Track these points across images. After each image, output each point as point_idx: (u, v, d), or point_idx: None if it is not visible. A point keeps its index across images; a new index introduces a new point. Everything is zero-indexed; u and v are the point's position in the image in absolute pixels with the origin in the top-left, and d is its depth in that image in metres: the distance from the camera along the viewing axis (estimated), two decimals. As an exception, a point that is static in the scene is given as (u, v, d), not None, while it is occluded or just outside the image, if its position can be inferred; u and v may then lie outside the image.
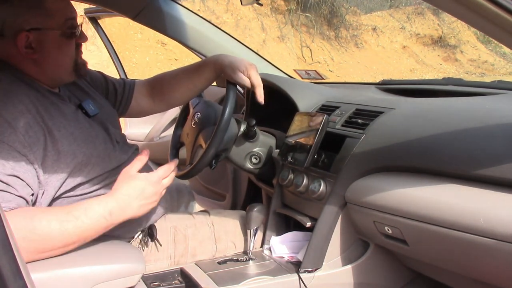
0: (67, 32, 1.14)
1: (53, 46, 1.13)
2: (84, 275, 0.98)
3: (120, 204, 1.05)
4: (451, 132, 1.08)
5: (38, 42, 1.10)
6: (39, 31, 1.10)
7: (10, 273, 0.61)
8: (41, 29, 1.10)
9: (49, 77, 1.16)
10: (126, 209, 1.06)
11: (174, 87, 1.51)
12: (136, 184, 1.08)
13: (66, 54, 1.17)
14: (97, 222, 1.02)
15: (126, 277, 1.04)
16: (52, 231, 0.97)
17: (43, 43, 1.11)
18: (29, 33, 1.09)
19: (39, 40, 1.11)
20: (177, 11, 1.78)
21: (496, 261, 0.95)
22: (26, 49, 1.10)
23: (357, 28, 11.65)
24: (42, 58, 1.13)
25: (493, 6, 0.68)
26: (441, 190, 1.02)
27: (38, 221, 0.96)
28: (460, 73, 12.37)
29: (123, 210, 1.06)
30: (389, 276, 1.33)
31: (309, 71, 2.04)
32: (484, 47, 14.07)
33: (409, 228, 1.08)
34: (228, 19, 8.91)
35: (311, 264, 1.24)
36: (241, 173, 2.00)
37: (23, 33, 1.08)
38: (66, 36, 1.14)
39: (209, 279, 1.20)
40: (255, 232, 1.34)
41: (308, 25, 10.37)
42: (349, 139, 1.26)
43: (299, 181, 1.33)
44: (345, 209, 1.24)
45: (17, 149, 0.99)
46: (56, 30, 1.12)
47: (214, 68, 1.43)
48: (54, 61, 1.15)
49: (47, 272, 0.95)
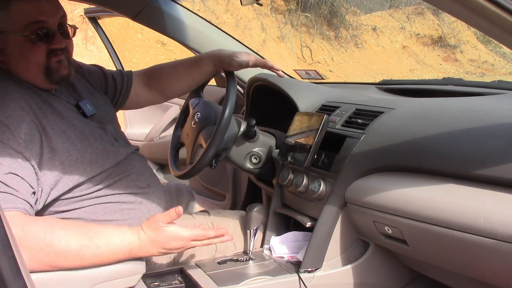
0: (30, 37, 1.08)
1: (15, 51, 1.09)
2: (84, 275, 0.99)
3: (141, 245, 1.06)
4: (451, 132, 1.08)
5: (3, 45, 1.09)
6: (2, 34, 1.08)
7: (10, 273, 0.61)
8: (2, 32, 1.08)
9: (24, 79, 1.13)
10: (146, 251, 1.07)
11: (173, 78, 1.51)
12: (159, 235, 1.08)
13: (30, 60, 1.10)
14: (115, 255, 1.03)
15: (126, 277, 1.04)
16: (69, 252, 0.97)
17: (7, 46, 1.09)
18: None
19: (4, 43, 1.09)
20: (177, 11, 1.79)
21: (496, 261, 0.95)
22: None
23: (357, 28, 11.64)
24: (8, 61, 1.10)
25: (493, 6, 0.68)
26: (441, 190, 1.02)
27: (58, 238, 0.96)
28: (460, 73, 12.36)
29: (143, 251, 1.07)
30: (389, 276, 1.33)
31: (309, 71, 2.04)
32: (484, 47, 14.07)
33: (409, 228, 1.08)
34: (228, 19, 8.91)
35: (311, 264, 1.24)
36: (241, 173, 2.00)
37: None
38: (30, 41, 1.08)
39: (209, 279, 1.20)
40: (255, 232, 1.34)
41: (308, 25, 10.37)
42: (349, 139, 1.26)
43: (299, 181, 1.33)
44: (345, 209, 1.24)
45: (13, 147, 0.99)
46: (17, 35, 1.08)
47: (212, 61, 1.44)
48: (19, 65, 1.11)
49: (47, 272, 0.95)
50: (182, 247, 1.12)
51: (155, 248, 1.08)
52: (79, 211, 1.13)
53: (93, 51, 6.46)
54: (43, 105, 1.10)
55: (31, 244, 0.93)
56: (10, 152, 0.98)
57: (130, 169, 1.23)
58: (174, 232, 1.09)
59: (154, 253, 1.09)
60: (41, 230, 0.96)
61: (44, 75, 1.13)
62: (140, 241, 1.06)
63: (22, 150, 1.00)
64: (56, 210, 1.11)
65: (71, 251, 0.97)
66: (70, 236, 0.98)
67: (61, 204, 1.11)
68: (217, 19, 8.57)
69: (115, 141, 1.25)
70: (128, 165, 1.24)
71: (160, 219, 1.08)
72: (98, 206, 1.16)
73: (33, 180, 1.02)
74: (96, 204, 1.15)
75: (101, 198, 1.16)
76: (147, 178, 1.28)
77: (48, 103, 1.12)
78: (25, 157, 1.00)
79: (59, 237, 0.96)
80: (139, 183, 1.25)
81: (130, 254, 1.04)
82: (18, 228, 0.93)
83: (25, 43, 1.09)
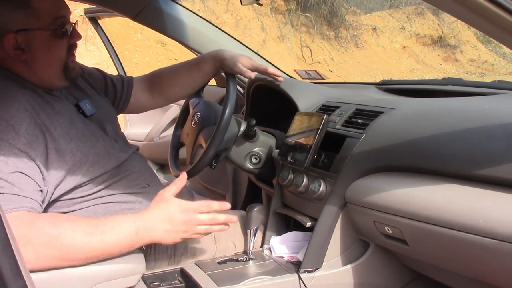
0: (57, 31, 1.12)
1: (41, 47, 1.11)
2: (84, 275, 0.98)
3: (147, 224, 1.04)
4: (451, 132, 1.08)
5: (27, 43, 1.09)
6: (26, 32, 1.09)
7: (10, 273, 0.61)
8: (28, 29, 1.09)
9: (40, 78, 1.14)
10: (151, 230, 1.04)
11: (174, 81, 1.51)
12: (165, 207, 1.06)
13: (55, 54, 1.14)
14: (123, 238, 1.01)
15: (126, 277, 1.04)
16: (76, 241, 0.96)
17: (31, 44, 1.10)
18: (17, 34, 1.07)
19: (27, 41, 1.09)
20: (177, 11, 1.79)
21: (496, 261, 0.95)
22: (15, 51, 1.09)
23: (357, 28, 11.64)
24: (31, 59, 1.11)
25: (493, 6, 0.68)
26: (441, 190, 1.02)
27: (64, 230, 0.96)
28: (460, 73, 12.37)
29: (149, 231, 1.04)
30: (389, 276, 1.33)
31: (309, 71, 2.04)
32: (484, 47, 14.07)
33: (409, 228, 1.08)
34: (228, 19, 8.91)
35: (311, 264, 1.24)
36: (241, 173, 2.00)
37: (11, 34, 1.07)
38: (56, 36, 1.12)
39: (209, 279, 1.20)
40: (255, 232, 1.34)
41: (308, 25, 10.37)
42: (349, 139, 1.26)
43: (299, 181, 1.33)
44: (345, 209, 1.24)
45: (17, 146, 0.99)
46: (44, 30, 1.10)
47: (214, 62, 1.44)
48: (43, 62, 1.13)
49: (47, 272, 0.95)
50: (189, 221, 1.08)
51: (162, 224, 1.05)
52: (80, 212, 1.13)
53: (93, 51, 6.46)
54: (45, 106, 1.10)
55: (39, 240, 0.93)
56: (15, 151, 0.99)
57: (130, 169, 1.24)
58: (180, 203, 1.07)
59: (161, 233, 1.05)
60: (47, 225, 0.96)
61: (62, 72, 1.16)
62: (145, 220, 1.04)
63: (27, 150, 1.00)
64: (57, 211, 1.10)
65: (78, 240, 0.96)
66: (76, 226, 0.98)
67: (62, 205, 1.11)
68: (217, 19, 8.57)
69: (115, 142, 1.25)
70: (129, 165, 1.24)
71: (162, 191, 1.08)
72: (99, 206, 1.16)
73: (39, 179, 1.02)
74: (97, 204, 1.15)
75: (102, 198, 1.16)
76: (147, 178, 1.28)
77: (50, 104, 1.12)
78: (30, 157, 1.01)
79: (64, 229, 0.96)
80: (140, 182, 1.25)
81: (137, 236, 1.02)
82: (25, 226, 0.93)
83: (51, 38, 1.12)
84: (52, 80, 1.16)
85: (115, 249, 1.01)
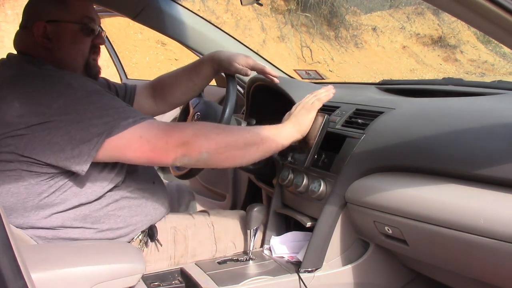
0: (84, 28, 1.20)
1: (68, 39, 1.19)
2: (84, 275, 0.99)
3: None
4: (451, 132, 1.08)
5: (55, 33, 1.17)
6: (57, 23, 1.16)
7: (10, 273, 0.61)
8: (59, 21, 1.17)
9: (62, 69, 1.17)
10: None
11: (175, 86, 1.51)
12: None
13: (79, 49, 1.21)
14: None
15: (126, 277, 1.04)
16: (233, 129, 1.18)
17: (59, 34, 1.17)
18: (47, 24, 1.15)
19: (56, 31, 1.17)
20: (177, 11, 1.78)
21: (496, 261, 0.95)
22: (42, 38, 1.15)
23: (357, 28, 11.65)
24: (56, 48, 1.17)
25: (493, 6, 0.68)
26: (441, 190, 1.02)
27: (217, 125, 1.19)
28: (460, 73, 12.37)
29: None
30: (389, 276, 1.33)
31: (309, 71, 2.04)
32: (484, 47, 14.08)
33: (409, 228, 1.08)
34: (228, 19, 8.91)
35: (311, 264, 1.24)
36: (241, 173, 2.00)
37: (42, 23, 1.15)
38: (83, 31, 1.20)
39: (209, 279, 1.20)
40: (255, 232, 1.34)
41: (308, 25, 10.37)
42: (349, 139, 1.26)
43: (299, 181, 1.33)
44: (345, 209, 1.24)
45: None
46: (74, 24, 1.19)
47: (211, 64, 1.44)
48: (66, 53, 1.19)
49: (47, 272, 0.95)
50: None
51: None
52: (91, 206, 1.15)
53: (93, 51, 6.45)
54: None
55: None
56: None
57: (136, 165, 1.25)
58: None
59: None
60: (203, 125, 1.15)
61: (84, 67, 1.24)
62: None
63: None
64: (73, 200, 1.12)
65: (234, 129, 1.22)
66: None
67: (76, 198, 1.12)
68: (217, 19, 8.58)
69: None
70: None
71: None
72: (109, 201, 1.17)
73: None
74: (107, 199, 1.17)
75: (112, 193, 1.17)
76: (152, 175, 1.32)
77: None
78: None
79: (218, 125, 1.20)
80: (146, 179, 1.27)
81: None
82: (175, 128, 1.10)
83: (78, 32, 1.20)
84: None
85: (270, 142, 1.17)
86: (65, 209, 1.11)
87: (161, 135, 1.06)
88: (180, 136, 1.07)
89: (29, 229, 1.09)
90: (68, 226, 1.12)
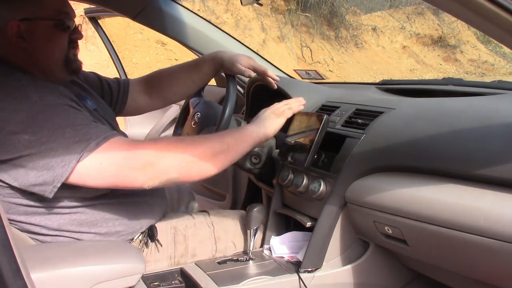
0: (59, 24, 1.14)
1: (43, 36, 1.13)
2: (84, 275, 0.98)
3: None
4: (451, 132, 1.08)
5: (29, 32, 1.11)
6: (30, 21, 1.10)
7: (10, 273, 0.61)
8: (32, 19, 1.11)
9: (41, 69, 1.15)
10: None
11: (173, 83, 1.51)
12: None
13: (56, 45, 1.16)
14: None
15: (126, 276, 1.04)
16: (196, 141, 1.14)
17: (33, 33, 1.11)
18: (21, 23, 1.09)
19: (30, 30, 1.11)
20: (177, 11, 1.78)
21: (496, 261, 0.95)
22: (17, 38, 1.10)
23: (357, 28, 11.64)
24: (32, 47, 1.12)
25: (493, 6, 0.68)
26: (441, 190, 1.02)
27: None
28: (460, 73, 12.36)
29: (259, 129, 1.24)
30: (389, 276, 1.33)
31: (309, 71, 2.04)
32: (484, 47, 14.06)
33: (409, 228, 1.08)
34: (228, 19, 8.91)
35: (311, 264, 1.24)
36: (241, 173, 2.00)
37: (14, 22, 1.09)
38: (58, 27, 1.14)
39: (209, 279, 1.20)
40: (255, 232, 1.34)
41: (308, 25, 10.36)
42: (349, 139, 1.26)
43: (299, 181, 1.33)
44: (345, 209, 1.24)
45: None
46: (48, 20, 1.13)
47: (213, 63, 1.44)
48: (43, 51, 1.14)
49: (47, 272, 0.95)
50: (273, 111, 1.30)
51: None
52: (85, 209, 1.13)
53: (93, 51, 6.46)
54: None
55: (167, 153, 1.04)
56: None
57: None
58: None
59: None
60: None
61: (63, 63, 1.18)
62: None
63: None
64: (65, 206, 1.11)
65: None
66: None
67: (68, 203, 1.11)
68: (217, 19, 8.57)
69: None
70: None
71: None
72: (104, 205, 1.16)
73: None
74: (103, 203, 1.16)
75: (108, 196, 1.16)
76: None
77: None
78: None
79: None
80: None
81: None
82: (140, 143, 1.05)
83: (53, 28, 1.14)
84: (53, 71, 1.17)
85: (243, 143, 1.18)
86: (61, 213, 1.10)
87: (122, 160, 1.02)
88: (143, 158, 1.02)
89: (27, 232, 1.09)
90: (65, 230, 1.11)
